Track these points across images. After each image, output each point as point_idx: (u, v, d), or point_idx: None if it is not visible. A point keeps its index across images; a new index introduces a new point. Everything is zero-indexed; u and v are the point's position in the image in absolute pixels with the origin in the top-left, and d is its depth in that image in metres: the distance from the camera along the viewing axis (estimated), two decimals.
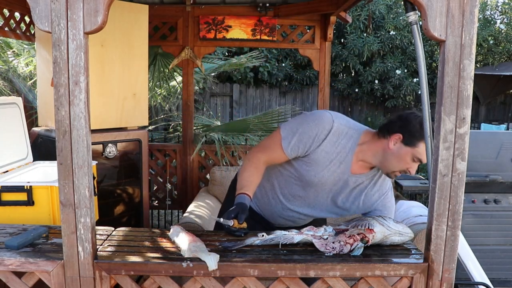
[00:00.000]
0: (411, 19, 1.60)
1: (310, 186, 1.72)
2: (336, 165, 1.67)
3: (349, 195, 1.74)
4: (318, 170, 1.67)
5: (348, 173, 1.69)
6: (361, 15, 8.36)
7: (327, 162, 1.66)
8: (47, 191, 1.89)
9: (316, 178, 1.68)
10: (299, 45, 3.46)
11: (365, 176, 1.72)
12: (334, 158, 1.66)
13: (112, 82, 2.70)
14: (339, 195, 1.74)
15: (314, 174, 1.68)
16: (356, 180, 1.71)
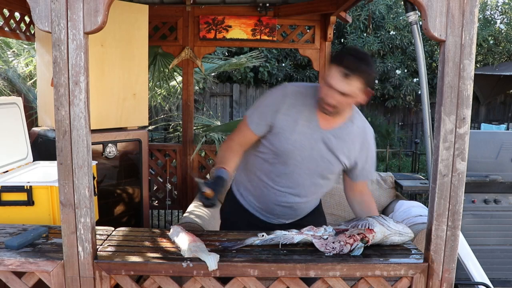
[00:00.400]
0: (411, 19, 1.61)
1: (289, 158, 1.68)
2: (304, 125, 1.65)
3: (330, 154, 1.69)
4: (288, 136, 1.66)
5: (320, 130, 1.66)
6: (361, 15, 8.36)
7: (293, 124, 1.65)
8: (47, 191, 1.89)
9: (290, 144, 1.66)
10: (299, 45, 3.46)
11: (339, 129, 1.68)
12: (299, 118, 1.65)
13: (112, 82, 2.70)
14: (321, 158, 1.69)
15: (286, 141, 1.66)
16: (331, 135, 1.67)
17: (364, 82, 1.51)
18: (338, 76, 1.50)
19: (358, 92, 1.53)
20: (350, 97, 1.54)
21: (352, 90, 1.51)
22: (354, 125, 1.70)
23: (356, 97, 1.55)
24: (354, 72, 1.48)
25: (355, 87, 1.51)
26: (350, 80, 1.49)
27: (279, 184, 1.74)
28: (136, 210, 2.99)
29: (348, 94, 1.52)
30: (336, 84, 1.51)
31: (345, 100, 1.54)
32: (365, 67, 1.51)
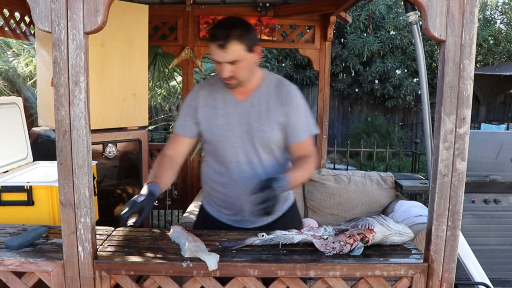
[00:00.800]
0: (411, 19, 1.61)
1: (226, 142, 1.71)
2: (224, 107, 1.72)
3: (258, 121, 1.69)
4: (214, 123, 1.72)
5: (239, 104, 1.71)
6: (361, 15, 8.36)
7: (214, 111, 1.73)
8: (47, 191, 1.89)
9: (220, 129, 1.71)
10: (299, 45, 3.46)
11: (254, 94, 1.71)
12: (217, 103, 1.72)
13: (112, 82, 2.70)
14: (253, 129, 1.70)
15: (215, 128, 1.72)
16: (250, 104, 1.70)
17: (242, 42, 1.56)
18: (216, 51, 1.57)
19: (243, 54, 1.58)
20: (239, 62, 1.58)
21: (235, 55, 1.56)
22: (266, 85, 1.73)
23: (245, 59, 1.59)
24: (227, 40, 1.54)
25: (236, 51, 1.56)
26: (227, 48, 1.54)
27: (234, 175, 1.74)
28: None
29: (235, 60, 1.57)
30: (219, 57, 1.57)
31: (237, 67, 1.59)
32: (235, 30, 1.55)
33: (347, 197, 3.12)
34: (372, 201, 3.11)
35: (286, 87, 1.73)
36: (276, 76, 1.78)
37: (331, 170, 3.31)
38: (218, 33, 1.56)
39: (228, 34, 1.54)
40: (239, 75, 1.62)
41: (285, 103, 1.70)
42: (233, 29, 1.56)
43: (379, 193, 3.13)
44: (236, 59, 1.57)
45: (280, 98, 1.70)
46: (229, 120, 1.71)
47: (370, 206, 3.10)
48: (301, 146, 1.73)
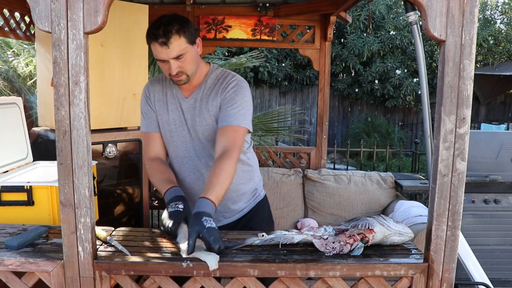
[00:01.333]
0: (411, 19, 1.61)
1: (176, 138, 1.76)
2: (172, 102, 1.76)
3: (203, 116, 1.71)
4: (165, 118, 1.76)
5: (185, 100, 1.74)
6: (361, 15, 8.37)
7: (164, 106, 1.77)
8: (47, 191, 1.89)
9: (170, 125, 1.76)
10: (299, 45, 3.46)
11: (199, 90, 1.73)
12: (167, 99, 1.77)
13: (112, 82, 2.70)
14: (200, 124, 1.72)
15: (167, 123, 1.76)
16: (194, 99, 1.73)
17: (183, 35, 1.57)
18: (160, 49, 1.56)
19: (186, 47, 1.58)
20: (184, 56, 1.59)
21: (178, 49, 1.57)
22: (211, 79, 1.74)
23: (189, 51, 1.60)
24: (168, 37, 1.54)
25: (179, 46, 1.56)
26: (170, 44, 1.55)
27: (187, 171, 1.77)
28: (136, 210, 2.99)
29: (179, 55, 1.58)
30: (163, 55, 1.57)
31: (183, 61, 1.60)
32: (173, 25, 1.55)
33: (347, 197, 3.12)
34: (372, 201, 3.11)
35: (228, 79, 1.72)
36: (223, 70, 1.78)
37: (331, 170, 3.31)
38: (158, 31, 1.55)
39: (168, 30, 1.54)
40: (186, 69, 1.62)
41: (221, 92, 1.70)
42: (171, 24, 1.56)
43: (379, 193, 3.13)
44: (181, 53, 1.58)
45: (217, 89, 1.71)
46: (177, 116, 1.75)
47: (370, 206, 3.10)
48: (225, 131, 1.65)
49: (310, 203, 3.17)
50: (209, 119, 1.71)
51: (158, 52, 1.58)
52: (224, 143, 1.62)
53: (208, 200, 1.46)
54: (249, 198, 1.87)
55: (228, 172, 1.56)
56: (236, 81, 1.71)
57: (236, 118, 1.65)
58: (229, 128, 1.64)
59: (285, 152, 3.62)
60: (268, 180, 3.15)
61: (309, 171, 3.25)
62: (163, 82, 1.80)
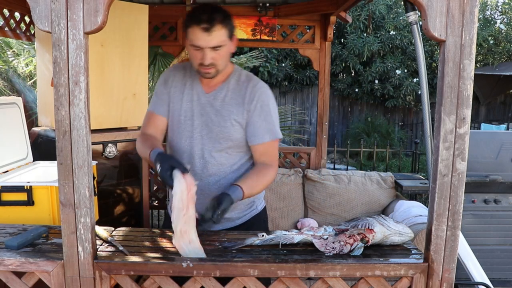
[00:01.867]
0: (411, 19, 1.61)
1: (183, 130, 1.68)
2: (189, 93, 1.69)
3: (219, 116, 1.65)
4: (177, 107, 1.69)
5: (204, 95, 1.68)
6: (361, 15, 8.37)
7: (180, 95, 1.70)
8: (47, 191, 1.89)
9: (181, 115, 1.68)
10: (299, 45, 3.46)
11: (221, 88, 1.68)
12: (184, 88, 1.70)
13: (112, 82, 2.70)
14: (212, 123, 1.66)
15: (177, 112, 1.69)
16: (214, 96, 1.67)
17: (225, 27, 1.54)
18: (200, 34, 1.51)
19: (225, 40, 1.55)
20: (220, 48, 1.55)
21: (219, 40, 1.53)
22: (234, 80, 1.69)
23: (226, 45, 1.57)
24: (213, 24, 1.50)
25: (220, 36, 1.53)
26: (212, 32, 1.51)
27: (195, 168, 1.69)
28: (136, 210, 3.00)
29: (218, 46, 1.54)
30: (202, 42, 1.52)
31: (218, 54, 1.56)
32: (218, 14, 1.53)
33: (347, 197, 3.12)
34: (372, 201, 3.11)
35: (253, 84, 1.67)
36: (247, 73, 1.73)
37: (331, 170, 3.31)
38: (203, 16, 1.50)
39: (213, 17, 1.50)
40: (218, 62, 1.58)
41: (247, 101, 1.64)
42: (217, 13, 1.53)
43: (379, 193, 3.13)
44: (220, 45, 1.54)
45: (243, 95, 1.65)
46: (189, 108, 1.68)
47: (370, 206, 3.10)
48: (263, 149, 1.65)
49: (310, 203, 3.17)
50: (227, 122, 1.65)
51: (197, 38, 1.52)
52: (262, 159, 1.65)
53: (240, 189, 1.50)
54: (243, 209, 1.78)
55: (267, 180, 1.63)
56: (261, 89, 1.66)
57: (268, 133, 1.65)
58: (266, 146, 1.65)
59: (285, 152, 3.62)
60: None
61: (309, 171, 3.25)
62: (185, 70, 1.73)
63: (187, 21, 1.56)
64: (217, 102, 1.67)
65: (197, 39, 1.52)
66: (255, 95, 1.65)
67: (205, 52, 1.54)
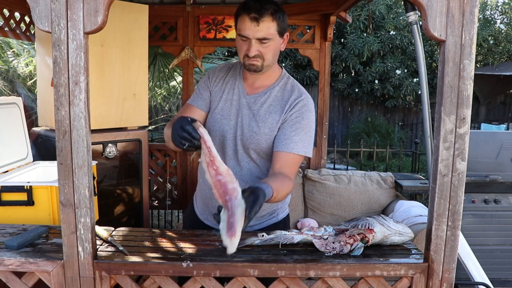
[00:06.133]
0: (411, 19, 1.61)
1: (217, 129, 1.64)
2: (230, 92, 1.66)
3: (254, 120, 1.60)
4: (215, 104, 1.66)
5: (245, 96, 1.64)
6: (361, 15, 8.37)
7: (220, 93, 1.67)
8: (47, 191, 1.89)
9: (217, 114, 1.65)
10: (299, 45, 3.46)
11: (264, 92, 1.63)
12: (225, 87, 1.67)
13: (112, 82, 2.70)
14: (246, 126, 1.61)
15: (214, 109, 1.66)
16: (255, 99, 1.63)
17: (276, 22, 1.48)
18: (248, 24, 1.47)
19: (274, 34, 1.50)
20: (268, 42, 1.50)
21: (267, 32, 1.48)
22: (280, 87, 1.64)
23: (274, 40, 1.51)
24: (262, 14, 1.45)
25: (268, 28, 1.47)
26: (261, 22, 1.46)
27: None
28: (136, 210, 3.00)
29: (265, 38, 1.48)
30: (249, 32, 1.47)
31: (266, 47, 1.51)
32: (270, 6, 1.47)
33: (347, 197, 3.12)
34: (372, 201, 3.11)
35: (296, 95, 1.61)
36: (293, 82, 1.67)
37: (331, 170, 3.31)
38: (254, 4, 1.45)
39: (265, 8, 1.45)
40: (266, 57, 1.52)
41: (286, 110, 1.59)
42: (269, 4, 1.47)
43: (379, 193, 3.13)
44: (267, 37, 1.48)
45: (284, 104, 1.60)
46: (227, 108, 1.64)
47: (370, 206, 3.10)
48: (287, 160, 1.55)
49: (310, 203, 3.17)
50: (261, 129, 1.59)
51: (245, 27, 1.48)
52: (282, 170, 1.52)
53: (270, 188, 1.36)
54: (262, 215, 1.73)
55: (288, 191, 1.52)
56: (304, 101, 1.59)
57: (298, 145, 1.55)
58: (290, 156, 1.55)
59: None
60: None
61: (309, 171, 3.25)
62: (228, 71, 1.70)
63: (238, 10, 1.52)
64: (255, 106, 1.62)
65: (245, 29, 1.48)
66: (296, 107, 1.59)
67: (251, 44, 1.49)
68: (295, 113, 1.58)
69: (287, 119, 1.59)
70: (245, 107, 1.63)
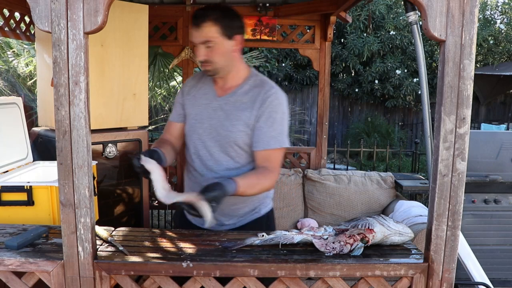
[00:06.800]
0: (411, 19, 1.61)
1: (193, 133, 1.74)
2: (202, 97, 1.74)
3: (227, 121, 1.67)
4: (189, 110, 1.76)
5: (217, 99, 1.71)
6: (361, 15, 8.37)
7: (193, 100, 1.76)
8: (47, 191, 1.89)
9: (192, 119, 1.75)
10: (299, 45, 3.46)
11: (233, 93, 1.69)
12: (198, 93, 1.76)
13: (112, 82, 2.70)
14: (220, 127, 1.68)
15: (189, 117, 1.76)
16: (226, 100, 1.69)
17: (218, 24, 1.56)
18: (193, 31, 1.59)
19: (217, 36, 1.57)
20: (213, 45, 1.57)
21: (207, 35, 1.56)
22: (248, 85, 1.69)
23: (220, 43, 1.58)
24: (203, 19, 1.55)
25: (209, 32, 1.56)
26: (201, 27, 1.56)
27: (195, 169, 1.77)
28: (136, 210, 2.99)
29: (207, 41, 1.57)
30: (193, 38, 1.59)
31: (212, 51, 1.59)
32: (213, 12, 1.56)
33: (347, 197, 3.12)
34: (372, 201, 3.11)
35: (266, 89, 1.66)
36: (262, 78, 1.72)
37: (331, 170, 3.31)
38: (197, 14, 1.57)
39: (205, 14, 1.56)
40: (213, 59, 1.60)
41: (257, 106, 1.63)
42: (212, 10, 1.57)
43: (379, 193, 3.13)
44: (208, 40, 1.56)
45: (254, 100, 1.65)
46: (202, 112, 1.72)
47: (370, 206, 3.10)
48: (266, 156, 1.63)
49: (310, 203, 3.17)
50: (235, 127, 1.65)
51: (191, 35, 1.61)
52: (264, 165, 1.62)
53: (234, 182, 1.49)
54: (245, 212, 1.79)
55: (267, 184, 1.63)
56: (274, 95, 1.64)
57: (275, 140, 1.63)
58: (269, 152, 1.63)
59: (285, 152, 3.61)
60: None
61: (309, 171, 3.25)
62: (201, 77, 1.80)
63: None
64: (227, 106, 1.68)
65: (191, 36, 1.61)
66: (266, 101, 1.63)
67: (198, 48, 1.59)
68: (268, 108, 1.63)
69: (261, 115, 1.63)
70: (218, 109, 1.69)
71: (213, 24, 1.55)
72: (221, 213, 1.66)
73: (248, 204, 1.77)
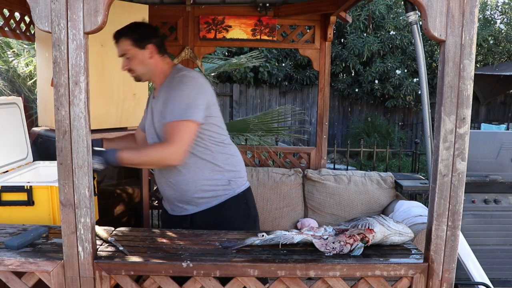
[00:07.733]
0: (411, 19, 1.61)
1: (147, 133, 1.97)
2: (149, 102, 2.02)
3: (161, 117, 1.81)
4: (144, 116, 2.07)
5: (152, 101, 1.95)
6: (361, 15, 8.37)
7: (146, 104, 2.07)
8: (47, 191, 1.89)
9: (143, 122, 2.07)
10: (299, 45, 3.46)
11: (159, 91, 1.89)
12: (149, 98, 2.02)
13: (112, 82, 2.70)
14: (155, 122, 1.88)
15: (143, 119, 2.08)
16: (157, 99, 1.88)
17: (129, 39, 1.83)
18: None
19: (130, 48, 1.83)
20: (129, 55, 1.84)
21: (123, 49, 1.84)
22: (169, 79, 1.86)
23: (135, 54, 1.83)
24: (119, 36, 1.85)
25: (123, 45, 1.84)
26: (118, 43, 1.86)
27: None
28: (136, 210, 2.99)
29: (124, 54, 1.85)
30: (118, 53, 1.88)
31: (130, 62, 1.85)
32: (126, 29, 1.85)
33: (347, 197, 3.12)
34: (372, 201, 3.11)
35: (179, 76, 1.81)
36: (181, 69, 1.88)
37: (331, 170, 3.31)
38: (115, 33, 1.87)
39: (120, 32, 1.85)
40: (134, 68, 1.85)
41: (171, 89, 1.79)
42: (126, 29, 1.86)
43: (379, 193, 3.13)
44: (125, 53, 1.83)
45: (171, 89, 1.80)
46: (145, 115, 2.02)
47: (370, 206, 3.10)
48: (167, 129, 1.74)
49: (310, 203, 3.17)
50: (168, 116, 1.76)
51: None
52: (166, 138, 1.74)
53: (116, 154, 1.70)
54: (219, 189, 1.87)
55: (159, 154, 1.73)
56: (181, 76, 1.80)
57: (177, 113, 1.71)
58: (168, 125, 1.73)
59: (285, 152, 3.61)
60: (268, 180, 3.15)
61: (309, 171, 3.25)
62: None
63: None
64: (158, 104, 1.86)
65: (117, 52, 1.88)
66: (172, 82, 1.81)
67: (122, 61, 1.87)
68: (174, 89, 1.79)
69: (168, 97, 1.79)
70: (154, 109, 1.89)
71: (125, 39, 1.83)
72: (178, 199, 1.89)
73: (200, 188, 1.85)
